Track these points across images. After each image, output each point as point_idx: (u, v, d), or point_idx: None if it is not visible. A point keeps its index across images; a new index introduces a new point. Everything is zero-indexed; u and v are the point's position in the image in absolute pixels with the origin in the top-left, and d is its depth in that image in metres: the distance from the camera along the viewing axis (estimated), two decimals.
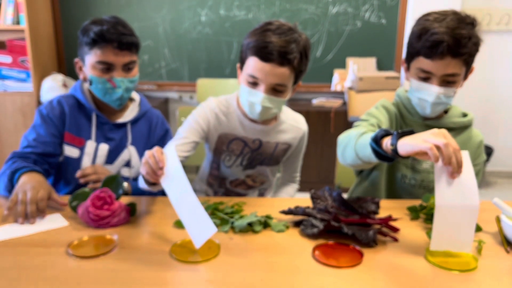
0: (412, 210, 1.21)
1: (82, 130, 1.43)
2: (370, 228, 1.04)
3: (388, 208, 1.24)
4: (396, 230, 1.09)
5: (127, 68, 1.38)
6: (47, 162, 1.38)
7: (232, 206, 1.22)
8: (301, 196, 1.44)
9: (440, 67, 1.22)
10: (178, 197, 1.00)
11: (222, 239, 1.03)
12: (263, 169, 1.50)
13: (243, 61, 1.31)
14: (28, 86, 3.33)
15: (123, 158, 1.47)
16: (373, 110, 1.37)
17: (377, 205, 1.14)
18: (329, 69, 3.64)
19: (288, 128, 1.48)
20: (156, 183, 1.11)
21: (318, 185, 1.32)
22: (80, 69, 1.42)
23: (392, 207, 1.25)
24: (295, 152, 1.55)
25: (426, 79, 1.26)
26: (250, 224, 1.10)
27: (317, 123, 3.31)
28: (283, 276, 0.89)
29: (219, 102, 1.44)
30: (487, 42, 1.62)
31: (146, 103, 1.56)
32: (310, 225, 1.07)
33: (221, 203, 1.23)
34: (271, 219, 1.14)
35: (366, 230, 1.02)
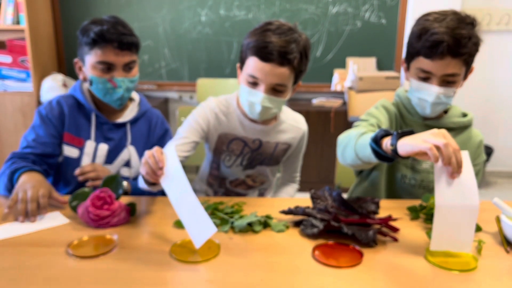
0: (412, 210, 1.22)
1: (82, 130, 1.43)
2: (370, 228, 1.04)
3: (388, 208, 1.24)
4: (396, 230, 1.09)
5: (127, 68, 1.38)
6: (46, 163, 1.38)
7: (232, 206, 1.22)
8: (301, 196, 1.44)
9: (440, 67, 1.22)
10: (178, 197, 1.00)
11: (222, 239, 1.03)
12: (263, 169, 1.50)
13: (243, 61, 1.31)
14: (28, 86, 3.33)
15: (122, 158, 1.46)
16: (373, 110, 1.37)
17: (377, 205, 1.14)
18: (329, 69, 3.64)
19: (288, 128, 1.48)
20: (156, 183, 1.11)
21: (318, 185, 1.32)
22: (79, 69, 1.42)
23: (392, 207, 1.25)
24: (295, 152, 1.55)
25: (426, 79, 1.26)
26: (250, 224, 1.10)
27: (317, 123, 3.31)
28: (283, 276, 0.89)
29: (219, 102, 1.44)
30: (487, 42, 1.62)
31: (145, 103, 1.56)
32: (310, 225, 1.07)
33: (221, 203, 1.23)
34: (271, 219, 1.14)
35: (366, 230, 1.02)
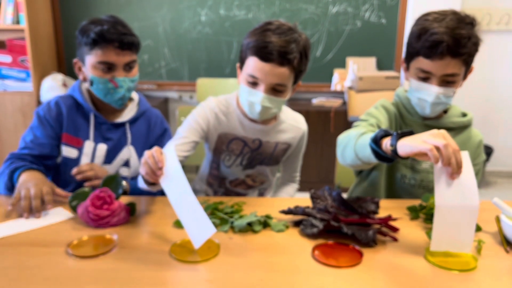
0: (412, 210, 1.22)
1: (80, 130, 1.43)
2: (369, 228, 1.04)
3: (387, 208, 1.24)
4: (395, 230, 1.09)
5: (128, 67, 1.38)
6: (44, 164, 1.38)
7: (232, 206, 1.22)
8: (301, 196, 1.44)
9: (439, 67, 1.21)
10: (177, 197, 1.00)
11: (221, 239, 1.03)
12: (262, 168, 1.50)
13: (243, 61, 1.31)
14: (28, 85, 3.33)
15: (121, 158, 1.46)
16: (373, 110, 1.37)
17: (377, 205, 1.14)
18: (329, 68, 3.64)
19: (288, 127, 1.48)
20: (155, 183, 1.11)
21: (318, 185, 1.31)
22: (79, 70, 1.42)
23: (392, 207, 1.25)
24: (295, 151, 1.55)
25: (425, 79, 1.26)
26: (250, 224, 1.10)
27: (317, 123, 3.31)
28: (283, 276, 0.89)
29: (218, 102, 1.44)
30: (487, 42, 1.62)
31: (145, 102, 1.56)
32: (310, 225, 1.07)
33: (221, 203, 1.23)
34: (271, 219, 1.14)
35: (365, 230, 1.02)
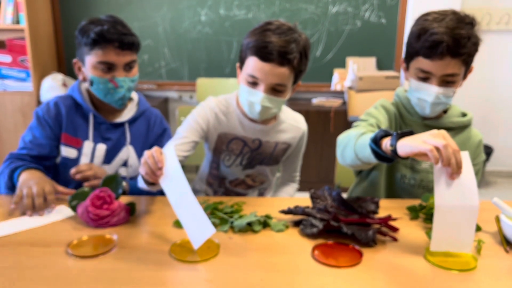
0: (412, 209, 1.22)
1: (79, 130, 1.43)
2: (369, 227, 1.04)
3: (387, 208, 1.24)
4: (395, 229, 1.09)
5: (128, 67, 1.38)
6: (43, 165, 1.38)
7: (232, 206, 1.22)
8: (301, 196, 1.44)
9: (439, 67, 1.21)
10: (177, 197, 1.00)
11: (221, 239, 1.03)
12: (262, 168, 1.50)
13: (242, 61, 1.31)
14: (28, 85, 3.33)
15: (121, 158, 1.46)
16: (372, 110, 1.37)
17: (377, 204, 1.14)
18: (329, 68, 3.64)
19: (288, 127, 1.48)
20: (155, 183, 1.11)
21: (318, 185, 1.31)
22: (79, 70, 1.42)
23: (392, 207, 1.25)
24: (294, 151, 1.55)
25: (425, 79, 1.26)
26: (250, 224, 1.10)
27: (317, 123, 3.31)
28: (283, 275, 0.89)
29: (218, 102, 1.44)
30: (487, 42, 1.62)
31: (144, 102, 1.56)
32: (310, 225, 1.07)
33: (221, 203, 1.23)
34: (271, 218, 1.14)
35: (365, 229, 1.02)
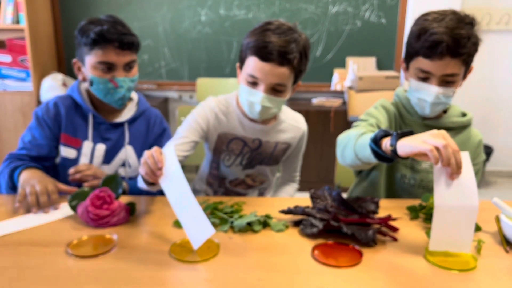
0: (412, 209, 1.22)
1: (79, 130, 1.43)
2: (369, 227, 1.04)
3: (387, 208, 1.24)
4: (395, 229, 1.09)
5: (128, 67, 1.38)
6: (42, 165, 1.37)
7: (232, 206, 1.22)
8: (301, 196, 1.44)
9: (439, 67, 1.21)
10: (177, 197, 1.00)
11: (221, 239, 1.04)
12: (262, 168, 1.50)
13: (242, 61, 1.31)
14: (28, 85, 3.33)
15: (120, 158, 1.46)
16: (372, 110, 1.37)
17: (377, 204, 1.14)
18: (329, 68, 3.64)
19: (288, 127, 1.48)
20: (155, 183, 1.11)
21: (318, 185, 1.32)
22: (78, 70, 1.42)
23: (392, 207, 1.25)
24: (294, 151, 1.55)
25: (425, 79, 1.26)
26: (250, 224, 1.10)
27: (317, 123, 3.31)
28: (283, 275, 0.89)
29: (218, 102, 1.44)
30: (487, 42, 1.62)
31: (144, 102, 1.56)
32: (310, 225, 1.07)
33: (221, 203, 1.23)
34: (271, 218, 1.14)
35: (365, 229, 1.02)
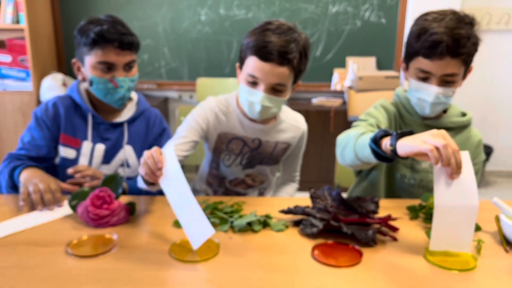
0: (412, 209, 1.22)
1: (78, 130, 1.43)
2: (369, 227, 1.04)
3: (387, 208, 1.24)
4: (395, 229, 1.10)
5: (127, 67, 1.38)
6: (41, 166, 1.37)
7: (232, 206, 1.22)
8: (301, 196, 1.44)
9: (439, 67, 1.21)
10: (177, 198, 1.00)
11: (221, 239, 1.04)
12: (262, 168, 1.50)
13: (242, 61, 1.31)
14: (28, 85, 3.33)
15: (119, 158, 1.46)
16: (372, 110, 1.37)
17: (377, 204, 1.14)
18: (329, 68, 3.64)
19: (288, 127, 1.48)
20: (155, 183, 1.11)
21: (318, 185, 1.32)
22: (78, 70, 1.42)
23: (392, 207, 1.25)
24: (294, 151, 1.55)
25: (425, 79, 1.26)
26: (250, 224, 1.10)
27: (317, 123, 3.31)
28: (283, 275, 0.89)
29: (218, 102, 1.44)
30: (487, 42, 1.62)
31: (144, 102, 1.55)
32: (310, 225, 1.07)
33: (221, 203, 1.23)
34: (271, 218, 1.14)
35: (365, 229, 1.02)
